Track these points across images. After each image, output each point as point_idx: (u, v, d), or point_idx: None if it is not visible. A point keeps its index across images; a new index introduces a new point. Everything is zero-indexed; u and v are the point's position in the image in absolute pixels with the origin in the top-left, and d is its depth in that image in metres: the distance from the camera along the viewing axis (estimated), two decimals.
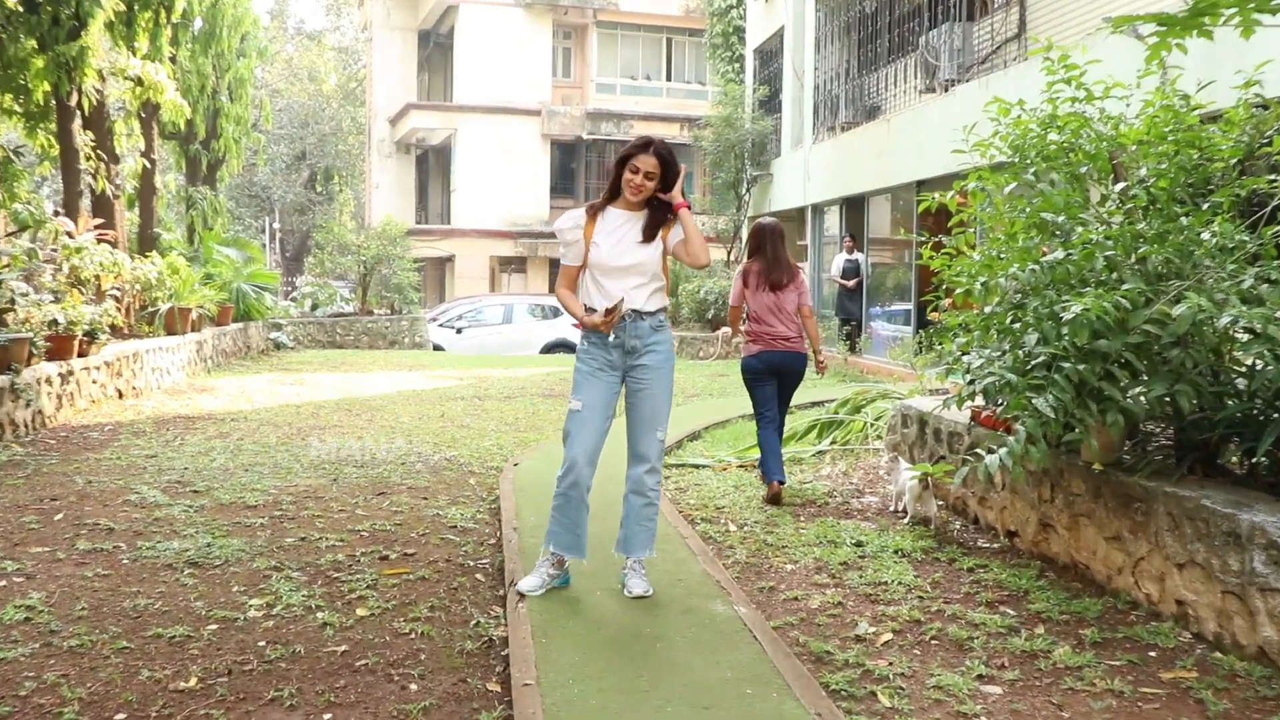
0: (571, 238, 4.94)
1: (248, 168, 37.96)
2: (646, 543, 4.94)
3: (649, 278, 4.90)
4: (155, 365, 12.84)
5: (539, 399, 12.89)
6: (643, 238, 4.88)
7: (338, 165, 49.26)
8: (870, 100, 18.95)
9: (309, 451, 8.66)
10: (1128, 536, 4.80)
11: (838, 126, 19.56)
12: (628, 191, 4.86)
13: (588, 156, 37.16)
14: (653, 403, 4.90)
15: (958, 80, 15.27)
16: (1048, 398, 4.62)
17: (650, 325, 4.92)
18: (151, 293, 14.23)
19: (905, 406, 7.42)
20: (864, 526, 6.31)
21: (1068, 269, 4.98)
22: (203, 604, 4.76)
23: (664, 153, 4.86)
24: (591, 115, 36.33)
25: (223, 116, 21.30)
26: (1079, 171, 5.76)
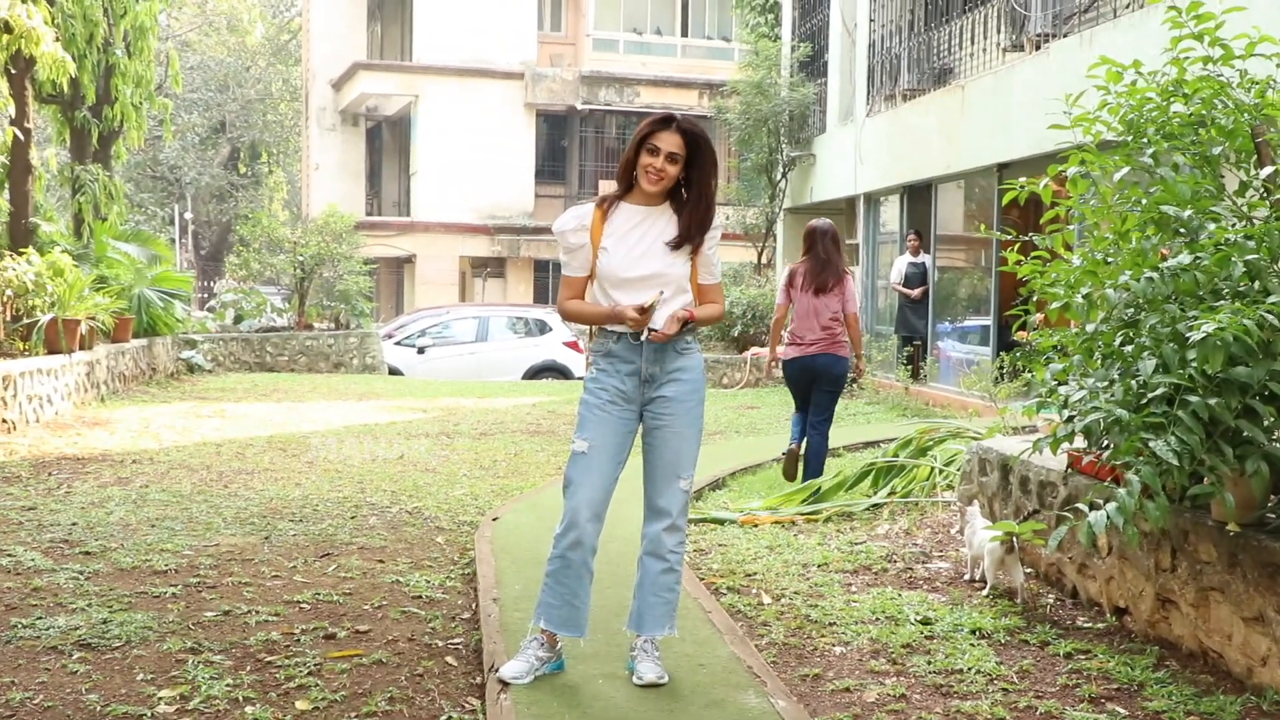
0: (576, 241, 4.86)
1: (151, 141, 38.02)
2: (664, 619, 4.88)
3: (673, 291, 4.80)
4: (33, 392, 12.81)
5: (523, 436, 12.93)
6: (668, 240, 4.80)
7: (266, 140, 49.56)
8: (940, 61, 19.04)
9: (234, 502, 8.69)
10: (1274, 617, 4.82)
11: (898, 95, 19.65)
12: (644, 180, 4.75)
13: (583, 132, 37.35)
14: (676, 443, 4.86)
15: (1053, 35, 15.34)
16: (1169, 439, 4.64)
17: (675, 349, 4.84)
18: (27, 300, 13.98)
19: (983, 449, 7.44)
20: (932, 599, 6.34)
21: (1195, 277, 5.01)
22: (97, 697, 4.76)
23: (692, 130, 4.75)
24: (587, 79, 36.52)
25: (118, 75, 20.92)
26: (1211, 152, 5.78)
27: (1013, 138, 15.17)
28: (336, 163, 39.66)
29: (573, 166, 37.59)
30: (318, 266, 25.05)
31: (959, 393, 15.74)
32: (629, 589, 5.03)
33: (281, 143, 50.13)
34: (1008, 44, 16.51)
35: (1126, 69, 5.98)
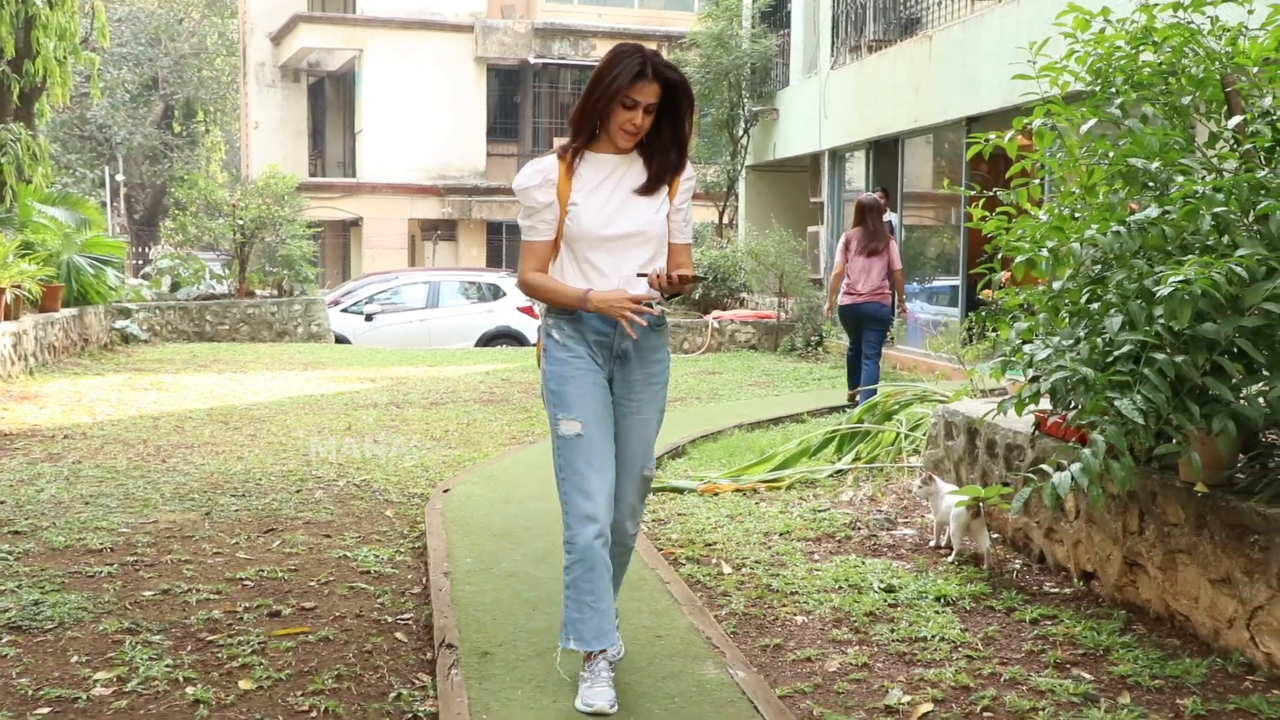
0: (543, 198, 4.35)
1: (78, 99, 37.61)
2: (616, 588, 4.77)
3: (654, 249, 4.40)
4: None
5: (475, 406, 12.95)
6: (642, 188, 4.39)
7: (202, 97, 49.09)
8: (907, 10, 19.08)
9: (172, 477, 8.69)
10: (1241, 579, 4.91)
11: (864, 46, 19.68)
12: (620, 135, 4.32)
13: (536, 87, 37.25)
14: (644, 432, 4.51)
15: None
16: (1135, 398, 4.71)
17: (653, 325, 4.44)
18: None
19: (950, 412, 7.52)
20: (897, 566, 6.41)
21: (1164, 231, 5.06)
22: (29, 680, 4.77)
23: (670, 74, 4.30)
24: (540, 32, 36.41)
25: (39, 27, 20.39)
26: (1181, 103, 5.84)
27: (982, 90, 15.25)
28: (277, 121, 39.37)
29: (526, 123, 37.48)
30: (259, 231, 24.89)
31: (926, 354, 15.88)
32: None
33: (218, 100, 49.67)
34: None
35: (1095, 16, 6.02)
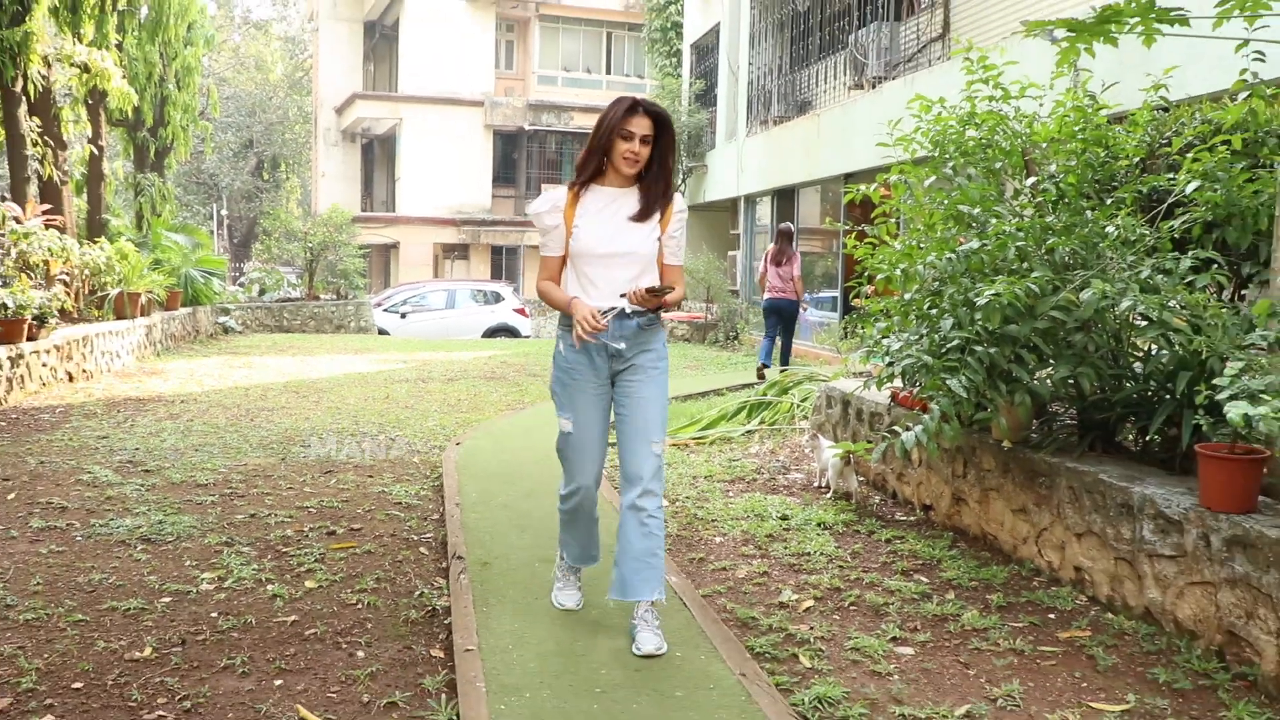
0: (551, 222, 4.05)
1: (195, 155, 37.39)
2: (653, 583, 3.95)
3: (642, 267, 4.03)
4: (105, 349, 12.66)
5: (481, 381, 12.92)
6: (636, 216, 4.03)
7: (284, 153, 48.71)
8: (801, 95, 19.11)
9: (258, 432, 8.64)
10: (1033, 509, 4.97)
11: (770, 120, 19.71)
12: (623, 164, 3.97)
13: (529, 146, 37.11)
14: (645, 409, 4.03)
15: (885, 78, 15.46)
16: (961, 379, 4.76)
17: (639, 324, 4.05)
18: (100, 278, 14.00)
19: (829, 388, 7.56)
20: (789, 501, 6.43)
21: (982, 258, 5.12)
22: (156, 578, 4.77)
23: (658, 111, 3.99)
24: (533, 106, 36.30)
25: (170, 104, 20.92)
26: (994, 167, 5.91)
27: (855, 154, 15.31)
28: (338, 171, 39.12)
29: (521, 174, 37.32)
30: (323, 251, 24.84)
31: (814, 346, 15.93)
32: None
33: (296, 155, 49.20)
34: (851, 84, 16.60)
35: (935, 104, 6.09)
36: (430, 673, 3.79)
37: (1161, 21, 4.36)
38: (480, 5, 35.97)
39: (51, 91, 14.44)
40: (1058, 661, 3.94)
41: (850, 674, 3.82)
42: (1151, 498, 4.16)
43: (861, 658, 3.96)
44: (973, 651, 4.03)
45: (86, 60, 14.11)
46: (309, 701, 3.56)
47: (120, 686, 3.64)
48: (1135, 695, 3.63)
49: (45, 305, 10.64)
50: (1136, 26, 4.43)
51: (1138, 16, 4.37)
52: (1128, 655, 3.97)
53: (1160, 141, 5.67)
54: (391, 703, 3.55)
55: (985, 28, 13.22)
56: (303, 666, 3.84)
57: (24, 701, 3.52)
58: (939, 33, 14.63)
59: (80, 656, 3.88)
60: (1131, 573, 4.28)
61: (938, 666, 3.89)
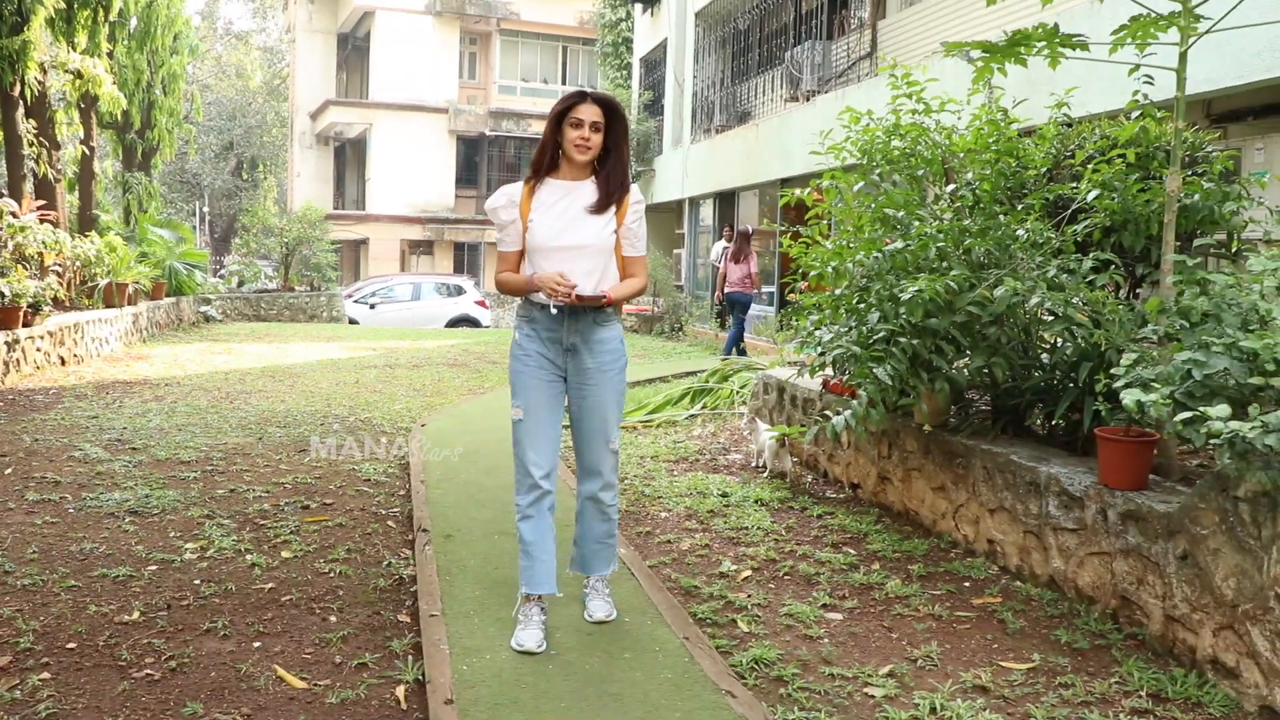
0: (506, 217, 3.73)
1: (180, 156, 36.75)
2: (608, 560, 3.90)
3: (602, 260, 3.70)
4: (95, 335, 12.43)
5: (444, 368, 12.83)
6: (592, 208, 3.69)
7: (262, 155, 47.95)
8: (742, 106, 19.14)
9: (237, 414, 8.52)
10: (950, 487, 5.02)
11: (713, 129, 19.72)
12: (574, 151, 3.65)
13: (490, 151, 36.87)
14: (601, 410, 3.76)
15: (818, 91, 15.52)
16: (886, 368, 4.80)
17: (596, 320, 3.74)
18: (91, 269, 13.79)
19: (766, 376, 7.59)
20: (729, 480, 6.45)
21: (906, 257, 5.15)
22: (143, 548, 4.70)
23: (606, 99, 3.70)
24: (494, 114, 36.09)
25: (157, 109, 20.64)
26: (917, 174, 5.95)
27: (791, 161, 15.36)
28: (312, 172, 38.57)
29: (483, 176, 37.04)
30: (298, 246, 24.51)
31: (752, 338, 15.96)
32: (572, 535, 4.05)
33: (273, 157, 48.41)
34: (788, 96, 16.65)
35: (863, 116, 6.12)
36: (398, 636, 3.77)
37: (1065, 46, 4.42)
38: (445, 19, 35.68)
39: (47, 96, 14.25)
40: (972, 625, 3.99)
41: (784, 637, 3.84)
42: (1056, 476, 4.22)
43: (794, 623, 3.98)
44: (895, 617, 4.06)
45: (80, 67, 13.94)
46: (285, 662, 3.52)
47: (111, 647, 3.59)
48: (1040, 655, 3.68)
49: (40, 294, 10.43)
50: (1043, 50, 4.49)
51: (1044, 41, 4.44)
52: (1034, 619, 4.03)
53: (1064, 154, 5.74)
54: (362, 664, 3.53)
55: (909, 48, 13.31)
56: (280, 630, 3.80)
57: (22, 660, 3.47)
58: (867, 51, 14.71)
59: (73, 619, 3.81)
60: (1038, 544, 4.34)
61: (864, 630, 3.92)
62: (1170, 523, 3.60)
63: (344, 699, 3.25)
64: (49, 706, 3.13)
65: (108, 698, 3.22)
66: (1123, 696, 3.35)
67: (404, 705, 3.24)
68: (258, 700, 3.24)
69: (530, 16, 36.28)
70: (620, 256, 3.78)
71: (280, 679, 3.38)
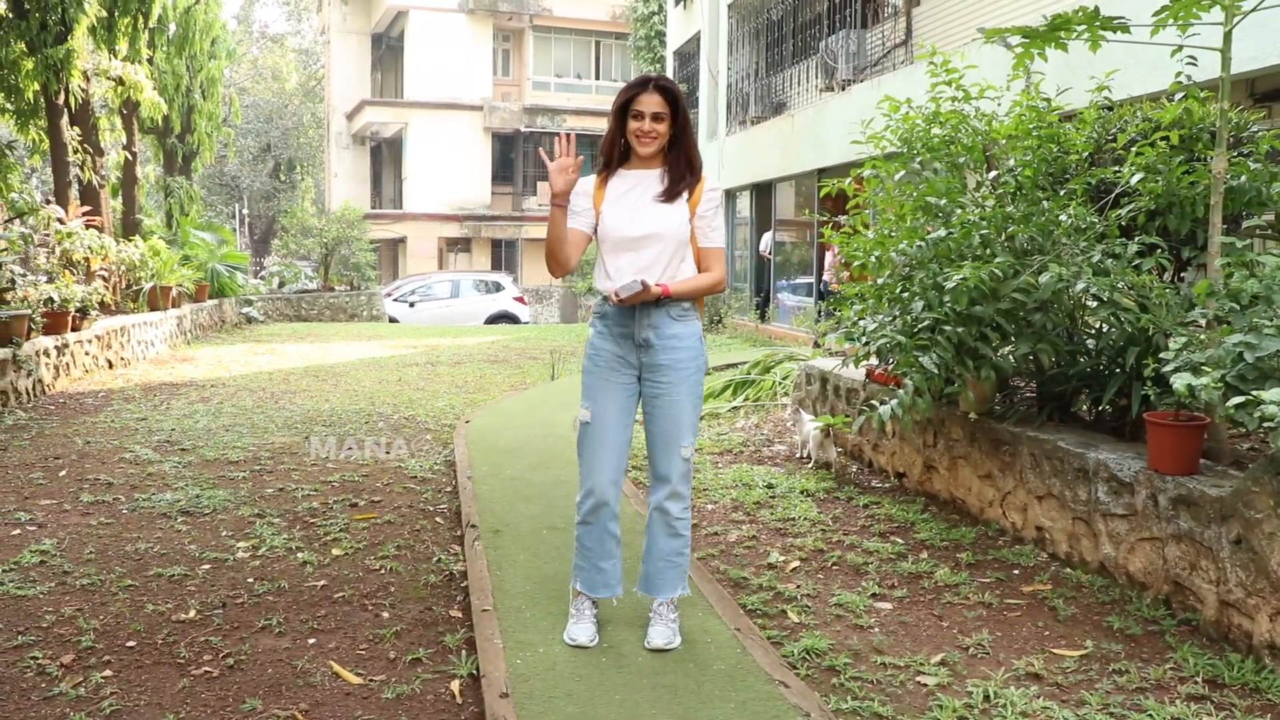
0: (581, 205, 3.62)
1: (219, 159, 37.14)
2: (676, 581, 3.68)
3: (672, 251, 3.55)
4: (141, 338, 12.64)
5: (485, 364, 12.91)
6: (661, 196, 3.58)
7: (300, 156, 48.40)
8: (777, 97, 19.07)
9: (282, 413, 8.62)
10: (997, 474, 5.00)
11: (748, 120, 19.65)
12: (639, 144, 3.56)
13: (525, 147, 36.96)
14: (673, 412, 3.58)
15: (853, 80, 15.43)
16: (931, 356, 4.78)
17: (670, 314, 3.57)
18: (135, 273, 14.01)
19: (809, 367, 7.57)
20: (774, 471, 6.45)
21: (948, 245, 5.13)
22: (196, 547, 4.78)
23: (668, 86, 3.56)
24: (528, 110, 36.18)
25: (196, 113, 20.94)
26: (958, 161, 5.91)
27: (827, 151, 15.28)
28: (349, 171, 38.86)
29: (518, 172, 37.19)
30: (337, 246, 24.78)
31: (793, 329, 15.93)
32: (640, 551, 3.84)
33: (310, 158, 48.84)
34: (823, 86, 16.55)
35: (902, 104, 6.09)
36: (450, 631, 3.82)
37: (1105, 29, 4.39)
38: (478, 17, 35.80)
39: (90, 103, 14.47)
40: (1022, 613, 3.97)
41: (835, 627, 3.85)
42: (1105, 462, 4.20)
43: (844, 612, 3.99)
44: (945, 605, 4.06)
45: (121, 74, 14.19)
46: (340, 658, 3.58)
47: (169, 645, 3.66)
48: (1092, 641, 3.67)
49: (87, 299, 10.62)
50: (1083, 33, 4.45)
51: (1084, 24, 4.40)
52: (1085, 606, 4.02)
53: (1106, 138, 5.69)
54: (416, 659, 3.58)
55: (945, 34, 13.20)
56: (333, 626, 3.86)
57: (85, 658, 3.56)
58: (902, 39, 14.60)
59: (132, 618, 3.90)
60: (1088, 531, 4.32)
61: (914, 619, 3.92)
62: (1223, 507, 3.58)
63: (399, 694, 3.31)
64: (113, 703, 3.21)
65: (168, 694, 3.29)
66: (1178, 683, 3.34)
67: (459, 699, 3.29)
68: (314, 696, 3.29)
69: (562, 12, 36.32)
70: (696, 248, 3.63)
71: (336, 675, 3.44)
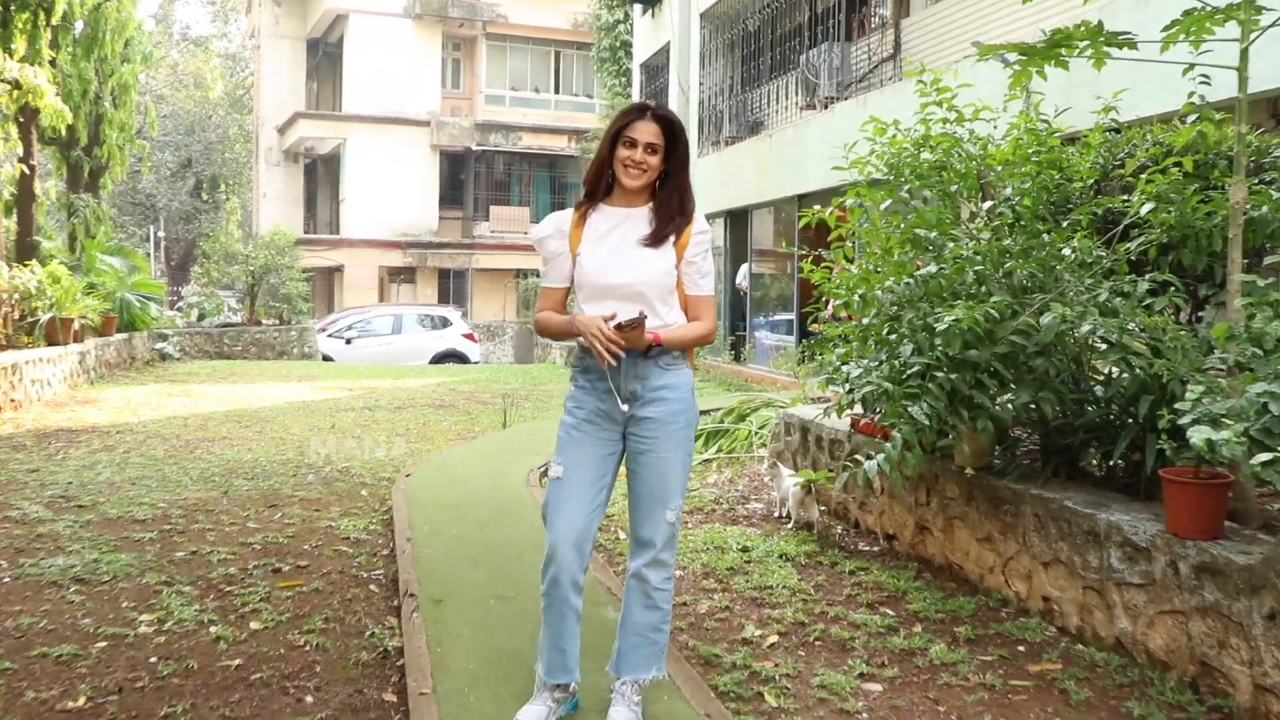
0: (554, 248, 3.61)
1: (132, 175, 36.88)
2: (648, 660, 3.61)
3: (657, 298, 3.54)
4: (35, 377, 12.42)
5: (429, 410, 12.81)
6: (646, 239, 3.56)
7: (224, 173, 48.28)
8: (753, 116, 19.21)
9: (198, 464, 8.49)
10: (998, 537, 4.98)
11: (722, 141, 19.78)
12: (625, 176, 3.53)
13: (476, 167, 37.00)
14: (660, 469, 3.55)
15: (837, 98, 15.58)
16: (922, 405, 4.77)
17: (659, 364, 3.55)
18: (31, 302, 13.77)
19: (788, 415, 7.56)
20: (750, 532, 6.40)
21: (940, 282, 5.14)
22: (90, 621, 4.64)
23: (669, 117, 3.55)
24: (480, 126, 36.25)
25: (106, 122, 20.66)
26: (950, 189, 5.94)
27: (808, 175, 15.39)
28: (280, 192, 38.75)
29: (469, 195, 37.23)
30: (265, 275, 24.59)
31: (770, 371, 15.94)
32: None
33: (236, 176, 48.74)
34: (804, 104, 16.70)
35: (889, 126, 6.12)
36: (383, 718, 3.71)
37: (1110, 45, 4.42)
38: (426, 23, 35.95)
39: None
40: (1029, 696, 3.93)
41: (817, 713, 3.78)
42: (1118, 524, 4.18)
43: (829, 695, 3.92)
44: (942, 687, 4.01)
45: (18, 76, 13.89)
46: None
47: None
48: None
49: None
50: (1086, 50, 4.49)
51: (1087, 40, 4.44)
52: (1100, 688, 3.97)
53: (1113, 163, 5.74)
54: None
55: (936, 49, 13.36)
56: (248, 714, 3.75)
57: None
58: (890, 53, 14.77)
59: (7, 709, 3.75)
60: (1101, 602, 4.29)
61: (907, 704, 3.86)
62: (1253, 576, 3.55)
63: None
64: None
65: None
66: None
67: None
68: None
69: (519, 19, 36.54)
70: (683, 295, 3.63)
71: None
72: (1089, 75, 5.65)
